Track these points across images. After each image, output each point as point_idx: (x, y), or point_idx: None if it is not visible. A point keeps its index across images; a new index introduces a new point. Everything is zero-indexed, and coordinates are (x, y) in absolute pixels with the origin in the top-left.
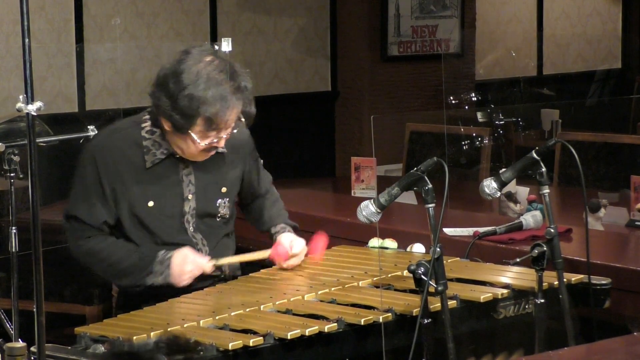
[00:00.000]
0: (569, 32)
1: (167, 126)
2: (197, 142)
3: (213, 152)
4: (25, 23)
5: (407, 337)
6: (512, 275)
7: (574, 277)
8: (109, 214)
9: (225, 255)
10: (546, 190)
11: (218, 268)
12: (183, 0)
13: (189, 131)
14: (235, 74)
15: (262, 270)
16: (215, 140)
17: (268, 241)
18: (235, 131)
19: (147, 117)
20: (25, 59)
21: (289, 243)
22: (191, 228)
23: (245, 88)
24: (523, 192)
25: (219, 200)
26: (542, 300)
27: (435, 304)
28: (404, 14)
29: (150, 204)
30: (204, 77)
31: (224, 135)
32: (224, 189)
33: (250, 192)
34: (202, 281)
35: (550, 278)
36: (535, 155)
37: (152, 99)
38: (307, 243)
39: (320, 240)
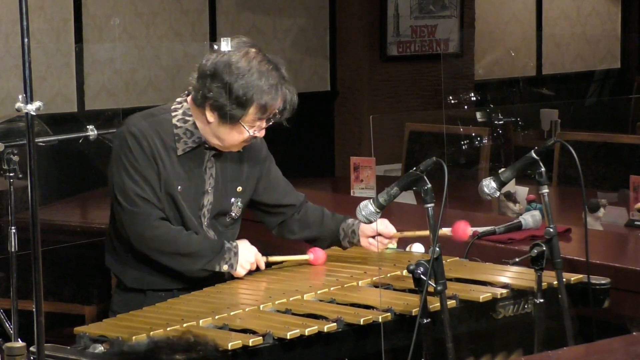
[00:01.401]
0: (568, 32)
1: (211, 117)
2: (246, 131)
3: (249, 143)
4: (25, 23)
5: (407, 336)
6: (511, 275)
7: (573, 277)
8: (161, 194)
9: None
10: (545, 190)
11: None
12: (182, 0)
13: (240, 121)
14: (278, 65)
15: (261, 270)
16: (257, 131)
17: (265, 239)
18: (271, 123)
19: (178, 106)
20: (24, 59)
21: (384, 226)
22: (205, 223)
23: (288, 81)
24: (522, 192)
25: (233, 199)
26: (541, 300)
27: (434, 304)
28: (403, 14)
29: (179, 188)
30: (255, 67)
31: (266, 125)
32: (239, 188)
33: (276, 198)
34: (201, 281)
35: (550, 278)
36: (534, 155)
37: (201, 91)
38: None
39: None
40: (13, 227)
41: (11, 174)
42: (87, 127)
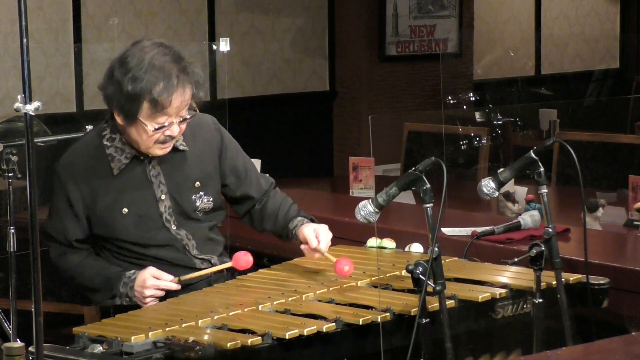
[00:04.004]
0: (567, 31)
1: (119, 119)
2: (147, 128)
3: (169, 144)
4: (24, 23)
5: (406, 336)
6: (510, 275)
7: (572, 277)
8: (81, 230)
9: (213, 248)
10: (544, 190)
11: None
12: (181, 0)
13: (138, 117)
14: (180, 59)
15: (260, 271)
16: (165, 125)
17: (264, 239)
18: (188, 119)
19: (106, 124)
20: (23, 59)
21: (313, 234)
22: (173, 226)
23: (192, 72)
24: (521, 191)
25: (194, 196)
26: (540, 300)
27: (433, 304)
28: (401, 13)
29: (125, 210)
30: (147, 60)
31: (175, 120)
32: (197, 184)
33: (242, 189)
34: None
35: (549, 278)
36: (533, 155)
37: (102, 92)
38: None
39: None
40: (12, 227)
41: (10, 174)
42: (86, 127)
